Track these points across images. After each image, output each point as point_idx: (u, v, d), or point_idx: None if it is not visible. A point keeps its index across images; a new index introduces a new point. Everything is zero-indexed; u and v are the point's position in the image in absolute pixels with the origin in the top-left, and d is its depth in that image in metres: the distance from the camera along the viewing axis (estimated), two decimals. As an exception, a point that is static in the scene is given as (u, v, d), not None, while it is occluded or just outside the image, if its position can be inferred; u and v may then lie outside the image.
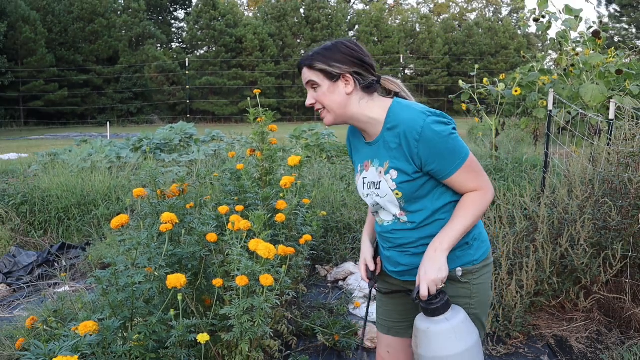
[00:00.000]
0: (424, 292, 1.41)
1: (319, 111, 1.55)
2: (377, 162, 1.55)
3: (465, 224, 1.47)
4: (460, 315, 1.46)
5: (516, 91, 6.17)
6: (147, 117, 33.97)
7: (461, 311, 1.48)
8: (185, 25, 41.30)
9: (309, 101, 1.55)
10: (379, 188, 1.54)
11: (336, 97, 1.50)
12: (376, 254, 1.73)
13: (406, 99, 1.59)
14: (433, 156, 1.43)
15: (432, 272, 1.42)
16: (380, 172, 1.53)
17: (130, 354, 1.76)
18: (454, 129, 1.45)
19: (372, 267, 1.66)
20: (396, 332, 1.78)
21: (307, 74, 1.53)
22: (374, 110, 1.52)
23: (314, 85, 1.53)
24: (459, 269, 1.53)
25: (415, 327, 1.48)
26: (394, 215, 1.57)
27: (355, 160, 1.69)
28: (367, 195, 1.61)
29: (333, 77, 1.50)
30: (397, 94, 1.60)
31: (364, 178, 1.62)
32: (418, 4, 54.30)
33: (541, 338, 2.93)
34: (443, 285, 1.45)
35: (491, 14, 51.55)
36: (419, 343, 1.44)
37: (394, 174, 1.49)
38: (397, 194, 1.50)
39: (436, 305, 1.42)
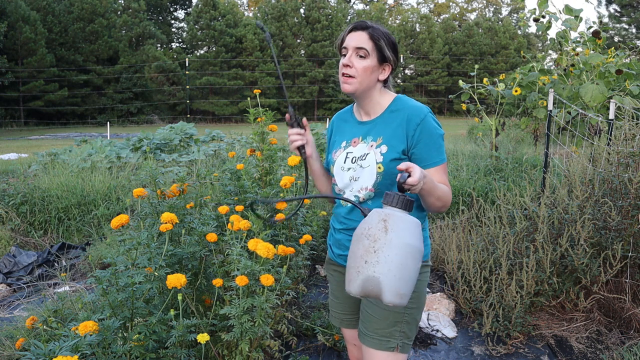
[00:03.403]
0: (415, 176, 1.35)
1: (346, 76, 1.62)
2: (369, 138, 1.66)
3: (439, 189, 1.51)
4: None
5: (516, 91, 6.17)
6: (147, 117, 33.96)
7: None
8: (185, 25, 41.32)
9: (346, 61, 1.60)
10: (364, 159, 1.64)
11: (372, 77, 1.64)
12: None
13: None
14: (424, 142, 1.58)
15: (424, 175, 1.40)
16: (372, 146, 1.64)
17: (130, 354, 1.76)
18: (443, 134, 1.64)
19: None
20: (348, 324, 1.88)
21: (363, 40, 1.60)
22: (384, 97, 1.69)
23: (362, 53, 1.60)
24: None
25: (381, 213, 1.36)
26: (358, 191, 1.64)
27: (339, 139, 1.78)
28: (348, 169, 1.68)
29: (382, 61, 1.64)
30: None
31: (348, 152, 1.70)
32: (418, 4, 54.35)
33: (541, 338, 2.93)
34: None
35: (491, 14, 51.57)
36: (390, 227, 1.32)
37: (384, 148, 1.61)
38: (379, 167, 1.60)
39: (412, 199, 1.37)
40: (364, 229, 1.37)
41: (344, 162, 1.70)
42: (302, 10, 39.39)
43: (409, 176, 1.36)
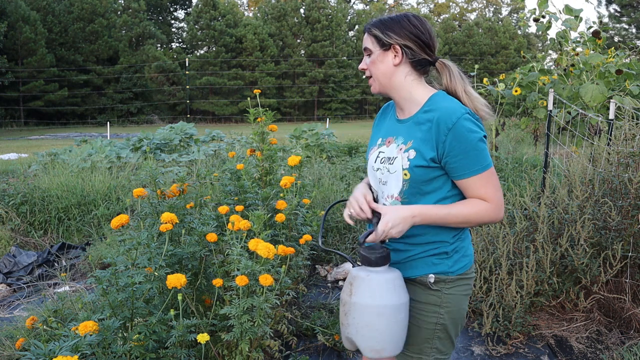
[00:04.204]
0: (371, 238, 1.39)
1: (367, 78, 1.58)
2: (400, 140, 1.53)
3: (453, 216, 1.44)
4: (397, 271, 1.46)
5: (516, 91, 6.17)
6: (147, 117, 33.99)
7: (397, 270, 1.48)
8: (185, 25, 41.34)
9: (361, 66, 1.59)
10: (392, 164, 1.51)
11: (383, 66, 1.52)
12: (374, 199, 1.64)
13: (456, 90, 1.53)
14: (457, 150, 1.41)
15: (392, 225, 1.39)
16: (401, 149, 1.50)
17: (130, 354, 1.76)
18: (484, 137, 1.44)
19: (369, 198, 1.53)
20: None
21: (365, 40, 1.57)
22: (418, 90, 1.53)
23: (368, 51, 1.56)
24: (432, 275, 1.51)
25: (350, 275, 1.44)
26: (385, 199, 1.54)
27: (376, 135, 1.67)
28: (377, 169, 1.58)
29: (384, 45, 1.51)
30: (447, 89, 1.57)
31: (380, 152, 1.59)
32: (418, 4, 54.37)
33: (541, 338, 2.93)
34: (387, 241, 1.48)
35: (491, 14, 51.59)
36: (354, 290, 1.40)
37: (412, 154, 1.47)
38: (405, 174, 1.47)
39: (379, 254, 1.40)
40: (342, 291, 1.46)
41: (374, 162, 1.60)
42: (302, 10, 39.40)
43: (369, 233, 1.38)
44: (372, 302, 1.37)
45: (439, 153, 1.42)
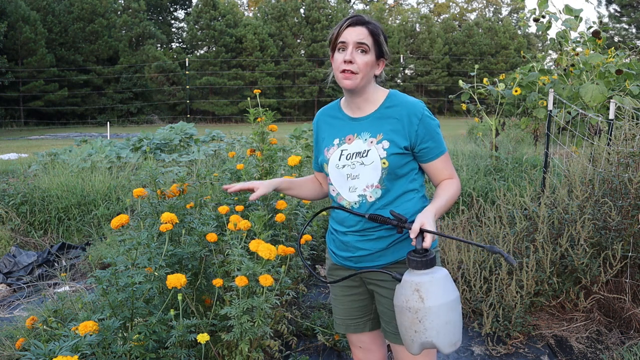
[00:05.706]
0: (428, 243, 1.48)
1: (349, 72, 1.60)
2: (366, 135, 1.67)
3: (449, 202, 1.65)
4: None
5: (516, 91, 6.17)
6: (147, 117, 33.95)
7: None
8: (185, 25, 41.32)
9: (348, 57, 1.59)
10: (366, 156, 1.64)
11: (370, 72, 1.64)
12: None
13: None
14: (428, 136, 1.64)
15: (433, 226, 1.51)
16: (371, 142, 1.65)
17: (130, 354, 1.76)
18: (439, 124, 1.70)
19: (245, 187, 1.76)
20: (355, 328, 1.84)
21: (364, 35, 1.60)
22: (378, 92, 1.70)
23: (363, 48, 1.60)
24: None
25: (412, 282, 1.48)
26: (363, 190, 1.64)
27: (329, 136, 1.76)
28: (343, 166, 1.68)
29: (380, 56, 1.66)
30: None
31: (342, 150, 1.69)
32: (418, 4, 54.39)
33: (541, 338, 2.93)
34: None
35: (491, 14, 51.58)
36: (425, 295, 1.45)
37: (386, 144, 1.63)
38: (384, 163, 1.62)
39: (431, 257, 1.49)
40: (402, 301, 1.50)
41: (339, 160, 1.69)
42: (302, 10, 39.38)
43: (423, 240, 1.48)
44: (446, 300, 1.46)
45: (412, 142, 1.63)
